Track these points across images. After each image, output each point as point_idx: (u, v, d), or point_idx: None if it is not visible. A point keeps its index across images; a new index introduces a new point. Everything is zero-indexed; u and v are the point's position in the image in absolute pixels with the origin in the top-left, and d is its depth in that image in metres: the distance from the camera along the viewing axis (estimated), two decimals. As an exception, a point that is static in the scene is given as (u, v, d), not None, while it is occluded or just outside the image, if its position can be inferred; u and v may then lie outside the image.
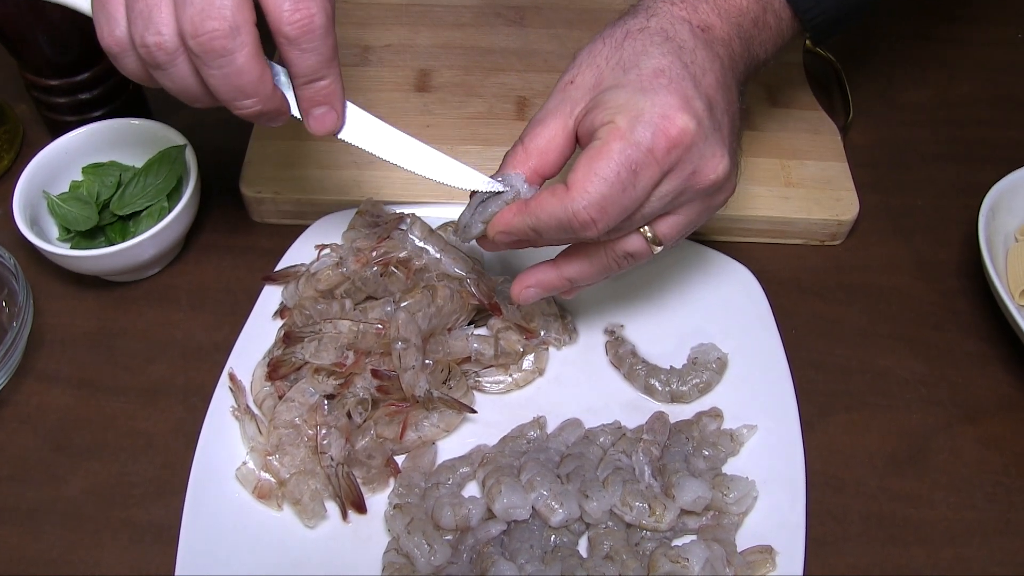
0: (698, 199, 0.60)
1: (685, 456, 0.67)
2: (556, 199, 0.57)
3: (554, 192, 0.57)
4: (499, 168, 0.62)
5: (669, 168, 0.57)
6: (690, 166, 0.57)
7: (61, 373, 0.74)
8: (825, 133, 0.86)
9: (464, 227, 0.63)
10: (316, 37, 0.55)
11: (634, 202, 0.57)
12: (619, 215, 0.57)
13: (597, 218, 0.56)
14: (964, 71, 0.98)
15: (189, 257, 0.81)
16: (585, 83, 0.60)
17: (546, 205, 0.57)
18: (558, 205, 0.57)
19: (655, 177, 0.57)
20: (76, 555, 0.65)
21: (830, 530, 0.67)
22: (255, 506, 0.66)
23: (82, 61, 0.81)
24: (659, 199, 0.58)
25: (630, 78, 0.58)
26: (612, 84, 0.58)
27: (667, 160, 0.56)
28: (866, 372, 0.75)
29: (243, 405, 0.69)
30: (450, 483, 0.66)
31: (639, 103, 0.56)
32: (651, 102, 0.56)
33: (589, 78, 0.60)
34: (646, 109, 0.56)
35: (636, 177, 0.56)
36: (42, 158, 0.78)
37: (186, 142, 0.79)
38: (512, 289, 0.66)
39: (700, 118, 0.57)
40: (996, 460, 0.70)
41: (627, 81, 0.58)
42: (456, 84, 0.89)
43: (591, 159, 0.56)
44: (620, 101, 0.57)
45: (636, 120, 0.56)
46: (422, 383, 0.66)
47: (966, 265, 0.81)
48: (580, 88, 0.60)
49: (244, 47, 0.54)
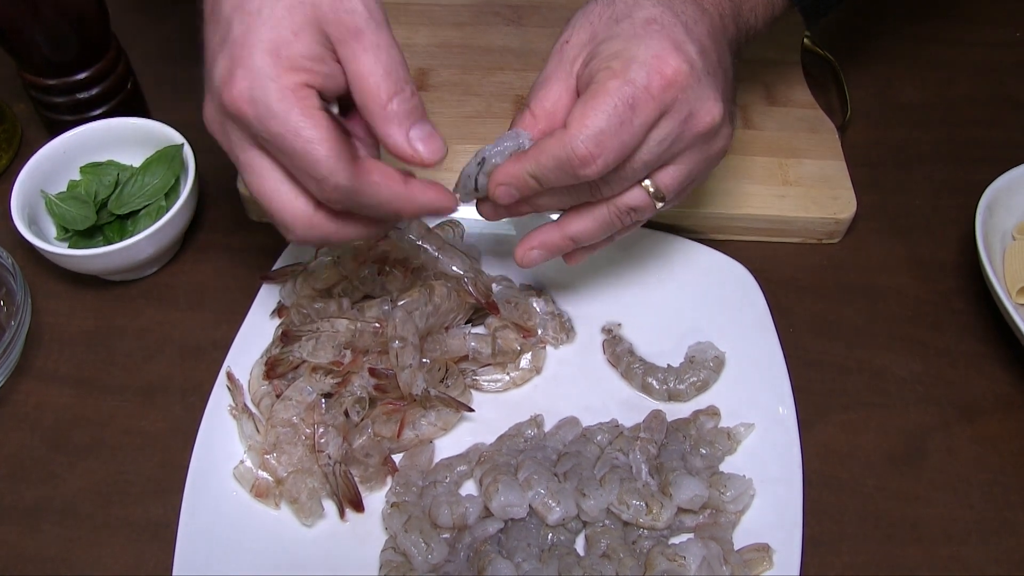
0: (695, 147, 0.61)
1: (682, 454, 0.67)
2: (554, 139, 0.58)
3: (553, 135, 0.58)
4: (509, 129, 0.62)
5: (665, 108, 0.57)
6: (686, 107, 0.58)
7: (59, 372, 0.74)
8: (823, 132, 0.85)
9: (465, 179, 0.62)
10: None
11: (633, 138, 0.57)
12: (617, 151, 0.57)
13: (596, 152, 0.56)
14: (962, 71, 0.98)
15: (187, 256, 0.81)
16: (580, 41, 0.61)
17: (545, 147, 0.58)
18: (556, 144, 0.57)
19: (652, 115, 0.57)
20: (74, 553, 0.65)
21: (827, 529, 0.67)
22: (253, 505, 0.66)
23: (80, 61, 0.81)
24: (657, 143, 0.59)
25: (623, 28, 0.59)
26: (606, 36, 0.59)
27: (663, 98, 0.57)
28: (863, 371, 0.75)
29: (241, 404, 0.69)
30: (447, 481, 0.66)
31: (633, 49, 0.57)
32: (645, 45, 0.57)
33: (584, 35, 0.61)
34: (640, 53, 0.57)
35: (633, 112, 0.56)
36: (40, 157, 0.78)
37: (184, 141, 0.79)
38: (516, 252, 0.66)
39: (693, 60, 0.58)
40: (993, 459, 0.70)
41: (620, 31, 0.59)
42: (454, 83, 0.89)
43: (588, 98, 0.57)
44: (615, 49, 0.58)
45: (631, 62, 0.57)
46: (419, 382, 0.66)
47: (963, 264, 0.81)
48: (576, 46, 0.61)
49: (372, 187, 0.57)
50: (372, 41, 0.55)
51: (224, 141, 0.58)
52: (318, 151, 0.53)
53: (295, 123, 0.53)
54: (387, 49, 0.55)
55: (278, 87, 0.53)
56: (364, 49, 0.55)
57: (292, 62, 0.54)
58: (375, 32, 0.55)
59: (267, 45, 0.54)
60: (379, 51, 0.55)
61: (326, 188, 0.55)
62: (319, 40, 0.55)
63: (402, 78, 0.56)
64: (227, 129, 0.57)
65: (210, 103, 0.58)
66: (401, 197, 0.58)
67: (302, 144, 0.53)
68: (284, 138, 0.54)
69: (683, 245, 0.78)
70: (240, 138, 0.57)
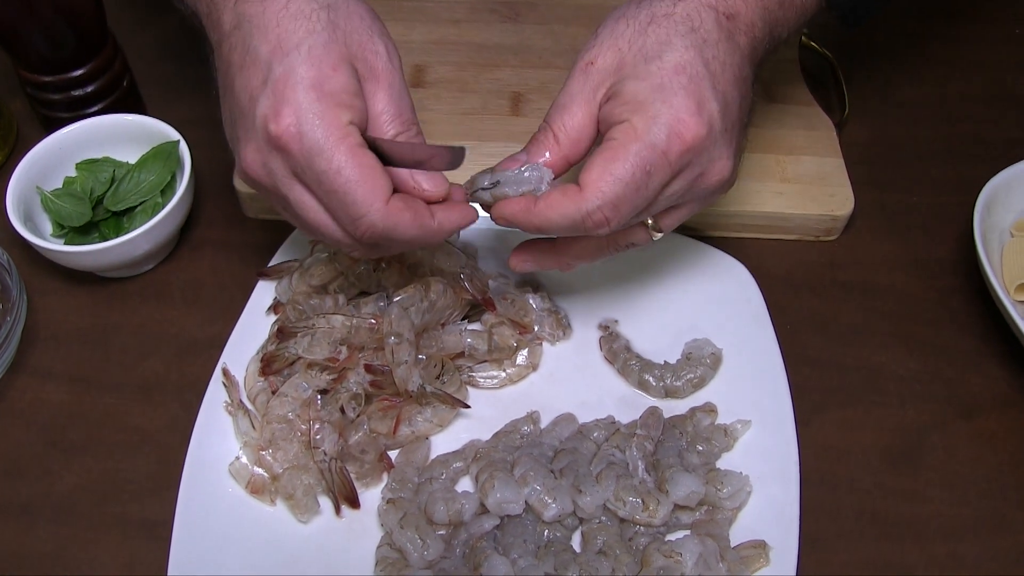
0: (701, 196, 0.62)
1: (679, 451, 0.67)
2: (569, 200, 0.57)
3: (566, 193, 0.58)
4: (528, 148, 0.61)
5: (679, 170, 0.58)
6: (698, 168, 0.59)
7: (55, 369, 0.74)
8: (821, 129, 0.85)
9: (475, 183, 0.62)
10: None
11: (645, 201, 0.58)
12: (631, 214, 0.58)
13: (611, 217, 0.57)
14: (960, 68, 0.98)
15: (183, 253, 0.81)
16: (606, 66, 0.59)
17: (558, 206, 0.58)
18: (571, 206, 0.57)
19: (666, 178, 0.58)
20: (69, 551, 0.65)
21: (824, 526, 0.66)
22: (248, 501, 0.66)
23: (76, 57, 0.81)
24: (666, 198, 0.60)
25: (651, 70, 0.58)
26: (632, 74, 0.58)
27: (679, 163, 0.58)
28: (861, 368, 0.75)
29: (236, 400, 0.69)
30: (443, 478, 0.66)
31: (656, 104, 0.57)
32: (668, 105, 0.57)
33: (610, 60, 0.59)
34: (663, 112, 0.57)
35: (649, 178, 0.57)
36: (36, 154, 0.78)
37: (180, 138, 0.78)
38: (510, 259, 0.67)
39: (713, 123, 0.58)
40: (991, 457, 0.70)
41: (647, 73, 0.58)
42: (451, 80, 0.89)
43: (606, 160, 0.57)
44: (639, 97, 0.57)
45: (652, 122, 0.57)
46: (415, 378, 0.66)
47: (961, 262, 0.81)
48: (601, 71, 0.60)
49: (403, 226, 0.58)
50: (388, 81, 0.59)
51: (268, 180, 0.59)
52: (356, 191, 0.56)
53: (339, 162, 0.55)
54: (400, 90, 0.60)
55: (324, 124, 0.55)
56: (381, 88, 0.59)
57: (335, 98, 0.56)
58: (391, 73, 0.60)
59: (310, 82, 0.56)
60: (392, 91, 0.59)
61: (360, 227, 0.57)
62: (353, 75, 0.58)
63: (409, 119, 0.60)
64: (271, 167, 0.58)
65: (250, 146, 0.58)
66: (432, 230, 0.60)
67: (342, 183, 0.56)
68: (326, 175, 0.56)
69: (680, 242, 0.78)
70: (285, 174, 0.58)
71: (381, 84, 0.59)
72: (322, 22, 0.57)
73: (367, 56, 0.59)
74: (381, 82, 0.59)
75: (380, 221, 0.57)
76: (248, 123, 0.58)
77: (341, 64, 0.57)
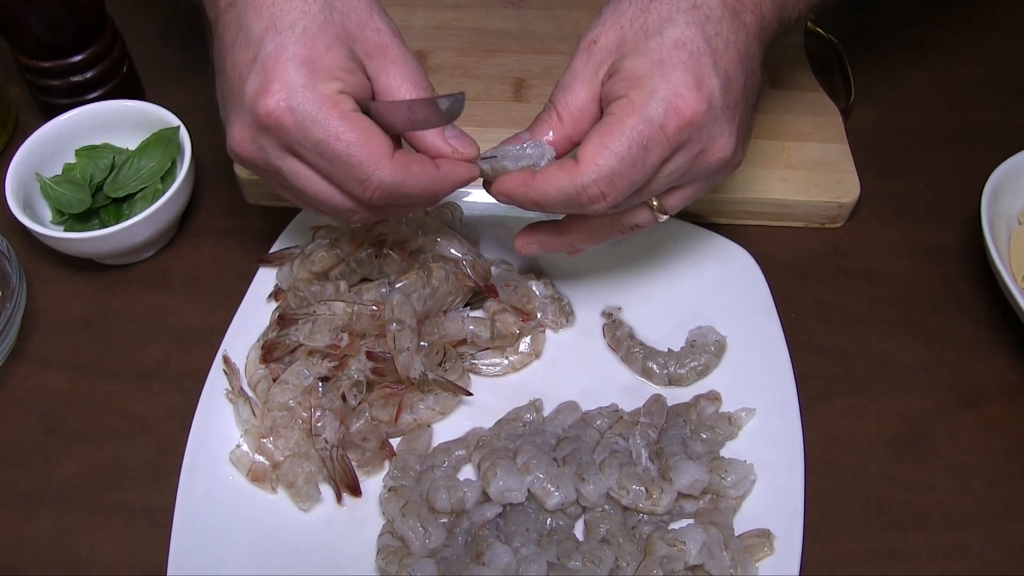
0: (703, 175, 0.61)
1: (683, 439, 0.66)
2: (564, 173, 0.57)
3: (562, 166, 0.58)
4: (532, 127, 0.61)
5: (678, 146, 0.57)
6: (698, 145, 0.58)
7: (55, 357, 0.74)
8: (826, 115, 0.85)
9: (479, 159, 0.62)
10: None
11: (643, 177, 0.58)
12: (627, 190, 0.58)
13: (607, 191, 0.57)
14: (968, 54, 0.97)
15: (183, 240, 0.81)
16: (608, 44, 0.59)
17: (554, 180, 0.58)
18: (566, 179, 0.57)
19: (664, 154, 0.57)
20: (70, 538, 0.65)
21: (828, 515, 0.66)
22: (249, 489, 0.65)
23: (75, 43, 0.81)
24: (666, 176, 0.59)
25: (651, 46, 0.57)
26: (633, 51, 0.58)
27: (677, 138, 0.57)
28: (866, 356, 0.74)
29: (237, 388, 0.69)
30: (445, 466, 0.66)
31: (654, 80, 0.56)
32: (666, 80, 0.56)
33: (612, 38, 0.59)
34: (660, 87, 0.56)
35: (646, 153, 0.56)
36: (35, 140, 0.77)
37: (180, 124, 0.78)
38: (515, 242, 0.67)
39: (713, 99, 0.57)
40: (996, 445, 0.70)
41: (647, 49, 0.57)
42: (453, 66, 0.88)
43: (603, 134, 0.56)
44: (637, 73, 0.57)
45: (650, 97, 0.56)
46: (417, 365, 0.66)
47: (968, 249, 0.81)
48: (603, 50, 0.59)
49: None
50: (398, 55, 0.59)
51: (259, 157, 0.59)
52: (360, 152, 0.56)
53: (335, 128, 0.55)
54: (411, 62, 0.60)
55: (315, 95, 0.55)
56: (391, 62, 0.59)
57: (328, 72, 0.56)
58: (399, 47, 0.60)
59: (301, 59, 0.56)
60: (405, 64, 0.59)
61: (369, 187, 0.57)
62: (348, 55, 0.58)
63: (427, 87, 0.60)
64: (262, 143, 0.58)
65: (239, 123, 0.58)
66: (439, 180, 0.59)
67: (343, 147, 0.55)
68: (326, 143, 0.55)
69: (685, 229, 0.77)
70: (276, 149, 0.58)
71: (390, 57, 0.59)
72: (318, 3, 0.57)
73: (368, 35, 0.59)
74: (389, 55, 0.59)
75: (389, 177, 0.56)
76: (237, 101, 0.58)
77: (336, 44, 0.57)
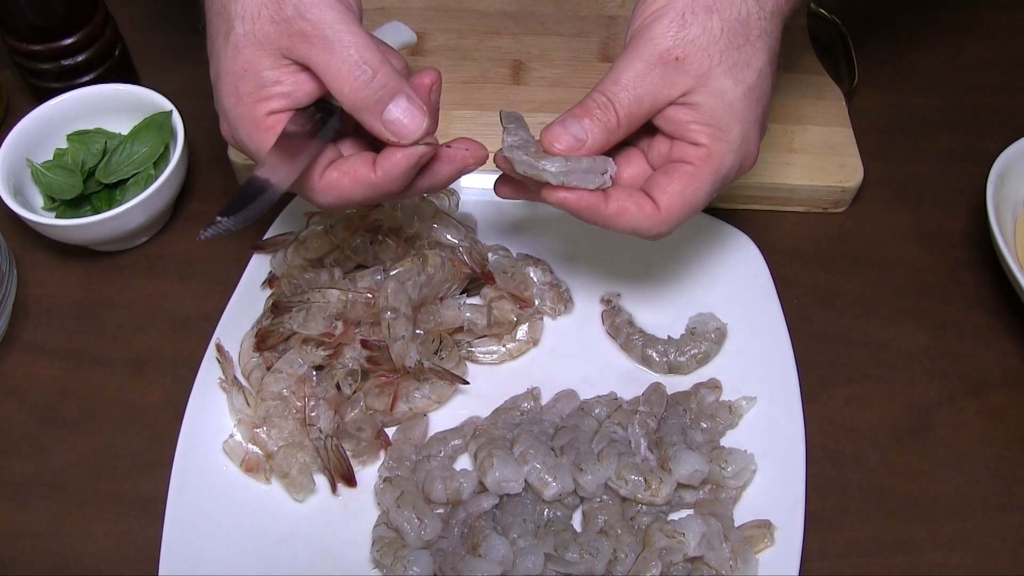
0: None
1: (682, 428, 0.66)
2: (643, 216, 0.58)
3: (641, 208, 0.58)
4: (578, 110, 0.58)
5: None
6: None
7: (47, 344, 0.73)
8: (829, 98, 0.84)
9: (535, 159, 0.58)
10: None
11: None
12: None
13: (671, 230, 0.60)
14: (974, 36, 0.96)
15: (177, 226, 0.80)
16: (692, 70, 0.57)
17: (629, 217, 0.58)
18: (644, 221, 0.58)
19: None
20: (63, 528, 0.65)
21: (830, 505, 0.66)
22: (243, 479, 0.65)
23: (66, 26, 0.79)
24: None
25: (737, 95, 0.57)
26: (717, 90, 0.57)
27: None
28: (869, 344, 0.74)
29: (231, 376, 0.68)
30: (441, 456, 0.65)
31: (733, 132, 0.58)
32: (743, 137, 0.58)
33: (698, 65, 0.57)
34: (738, 144, 0.58)
35: (713, 193, 0.60)
36: (25, 125, 0.77)
37: (173, 108, 0.77)
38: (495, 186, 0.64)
39: (763, 133, 0.60)
40: (1000, 434, 0.69)
41: (732, 97, 0.57)
42: (450, 48, 0.87)
43: (684, 186, 0.58)
44: (718, 123, 0.57)
45: (728, 152, 0.58)
46: (413, 353, 0.65)
47: (973, 234, 0.80)
48: (687, 74, 0.57)
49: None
50: (316, 36, 0.55)
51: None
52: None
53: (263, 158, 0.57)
54: (336, 36, 0.55)
55: (245, 125, 0.57)
56: (311, 47, 0.55)
57: (252, 95, 0.57)
58: (317, 26, 0.55)
59: (228, 87, 0.57)
60: (326, 43, 0.55)
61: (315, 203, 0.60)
62: (269, 64, 0.56)
63: (358, 60, 0.55)
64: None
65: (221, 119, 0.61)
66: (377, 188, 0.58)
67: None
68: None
69: (685, 214, 0.76)
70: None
71: (318, 47, 0.55)
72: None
73: (293, 34, 0.55)
74: (317, 46, 0.55)
75: (322, 197, 0.58)
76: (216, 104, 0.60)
77: (253, 60, 0.56)
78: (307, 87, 0.57)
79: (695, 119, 0.57)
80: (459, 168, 0.60)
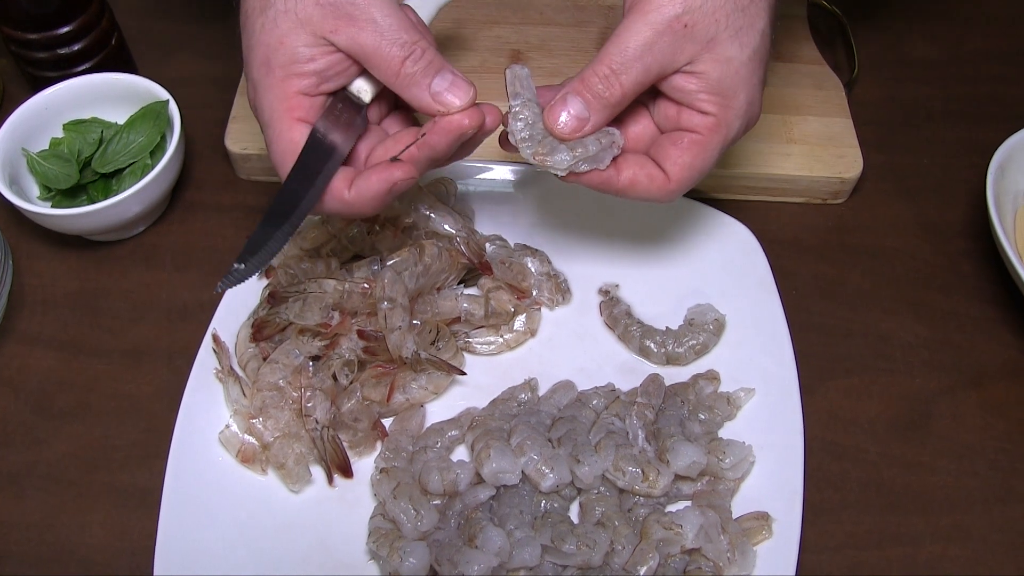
0: None
1: (680, 420, 0.66)
2: (656, 187, 0.60)
3: (652, 180, 0.60)
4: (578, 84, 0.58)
5: None
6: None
7: (43, 334, 0.73)
8: (829, 89, 0.83)
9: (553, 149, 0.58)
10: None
11: None
12: None
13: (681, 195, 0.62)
14: (975, 26, 0.95)
15: (173, 215, 0.80)
16: (698, 35, 0.57)
17: (642, 190, 0.60)
18: (655, 190, 0.60)
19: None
20: (58, 519, 0.65)
21: (828, 497, 0.66)
22: (239, 470, 0.65)
23: (62, 14, 0.79)
24: None
25: (741, 59, 0.58)
26: (722, 57, 0.57)
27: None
28: (868, 335, 0.73)
29: (227, 367, 0.68)
30: (438, 447, 0.65)
31: (738, 97, 0.58)
32: (747, 99, 0.59)
33: (704, 30, 0.56)
34: (743, 107, 0.59)
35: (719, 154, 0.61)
36: (21, 114, 0.76)
37: (169, 97, 0.77)
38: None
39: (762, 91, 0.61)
40: (1000, 426, 0.69)
41: (737, 63, 0.58)
42: (448, 37, 0.87)
43: (694, 156, 0.59)
44: (724, 90, 0.58)
45: (734, 118, 0.59)
46: (409, 344, 0.65)
47: (973, 226, 0.79)
48: (695, 41, 0.57)
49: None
50: (365, 19, 0.57)
51: None
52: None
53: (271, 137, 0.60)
54: (384, 19, 0.57)
55: (270, 98, 0.59)
56: (359, 29, 0.57)
57: (284, 68, 0.58)
58: (365, 9, 0.57)
59: (260, 58, 0.58)
60: (375, 25, 0.57)
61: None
62: (306, 42, 0.58)
63: (407, 40, 0.57)
64: None
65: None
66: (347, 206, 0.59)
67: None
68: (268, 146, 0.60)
69: (683, 204, 0.76)
70: None
71: (356, 25, 0.57)
72: None
73: (326, 13, 0.57)
74: (355, 23, 0.57)
75: (336, 209, 0.60)
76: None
77: (289, 34, 0.57)
78: (339, 67, 0.59)
79: (702, 88, 0.58)
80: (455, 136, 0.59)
